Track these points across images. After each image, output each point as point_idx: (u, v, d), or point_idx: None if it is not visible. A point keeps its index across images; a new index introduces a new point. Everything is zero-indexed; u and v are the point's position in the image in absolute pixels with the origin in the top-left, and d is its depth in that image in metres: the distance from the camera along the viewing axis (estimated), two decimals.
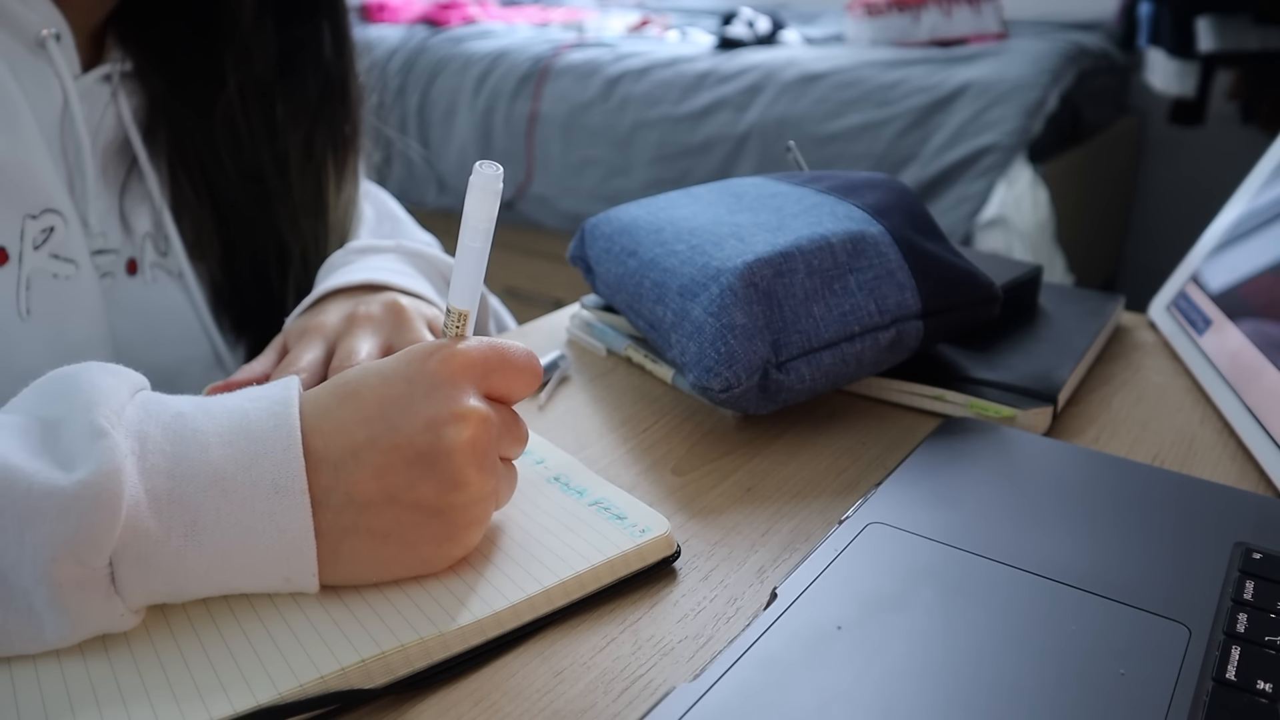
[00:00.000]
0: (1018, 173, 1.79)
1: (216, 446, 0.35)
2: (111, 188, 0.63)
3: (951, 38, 2.18)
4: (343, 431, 0.37)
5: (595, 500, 0.44)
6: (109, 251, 0.62)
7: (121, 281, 0.63)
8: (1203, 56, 1.88)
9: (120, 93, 0.63)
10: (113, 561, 0.34)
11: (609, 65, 2.17)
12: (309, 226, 0.68)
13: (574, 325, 0.67)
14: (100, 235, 0.61)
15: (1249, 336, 0.56)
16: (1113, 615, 0.36)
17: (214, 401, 0.38)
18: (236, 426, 0.36)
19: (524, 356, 0.41)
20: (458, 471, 0.37)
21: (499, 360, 0.39)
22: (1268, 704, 0.32)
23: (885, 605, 0.37)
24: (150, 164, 0.64)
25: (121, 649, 0.35)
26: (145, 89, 0.65)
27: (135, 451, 0.34)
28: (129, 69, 0.64)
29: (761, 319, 0.50)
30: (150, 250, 0.64)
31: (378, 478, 0.36)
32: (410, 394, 0.37)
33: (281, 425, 0.36)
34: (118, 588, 0.34)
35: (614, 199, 2.11)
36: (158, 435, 0.35)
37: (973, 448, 0.49)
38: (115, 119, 0.63)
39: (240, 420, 0.36)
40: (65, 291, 0.58)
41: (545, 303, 2.33)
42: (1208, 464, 0.52)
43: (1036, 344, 0.60)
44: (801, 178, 0.63)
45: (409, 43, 2.45)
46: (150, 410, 0.36)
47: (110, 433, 0.34)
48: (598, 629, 0.39)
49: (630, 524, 0.42)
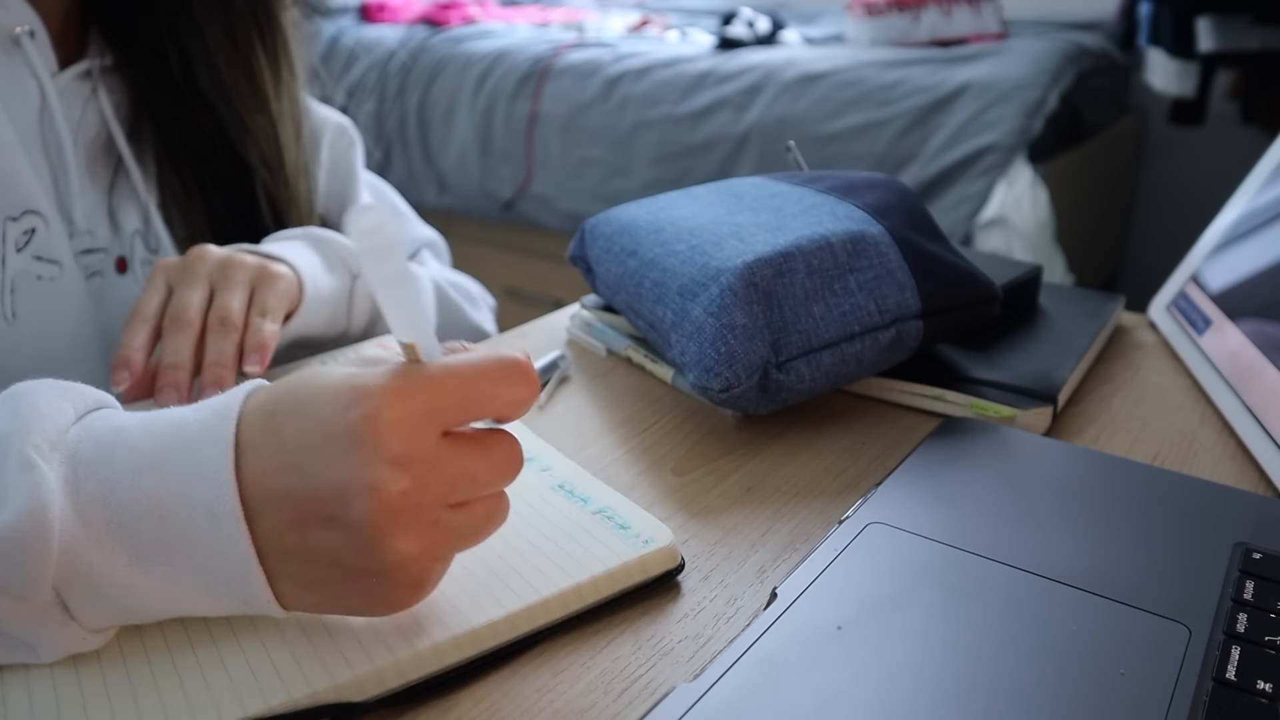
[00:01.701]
0: (1018, 173, 1.79)
1: (149, 470, 0.33)
2: (98, 185, 0.62)
3: (951, 38, 2.18)
4: (261, 476, 0.33)
5: (599, 509, 0.43)
6: (97, 250, 0.61)
7: (112, 280, 0.62)
8: (1202, 56, 1.88)
9: (101, 89, 0.62)
10: (59, 592, 0.33)
11: (609, 65, 2.17)
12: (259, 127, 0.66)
13: (574, 325, 0.67)
14: (88, 234, 0.60)
15: (1249, 336, 0.56)
16: (1113, 615, 0.36)
17: (158, 416, 0.35)
18: (173, 443, 0.34)
19: (496, 372, 0.34)
20: (373, 543, 0.32)
21: (455, 393, 0.33)
22: (1267, 704, 0.32)
23: (885, 605, 0.37)
24: (135, 160, 0.63)
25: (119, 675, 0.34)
26: (126, 84, 0.64)
27: (69, 480, 0.33)
28: (109, 64, 0.63)
29: (761, 319, 0.50)
30: (140, 248, 0.63)
31: (294, 531, 0.33)
32: (325, 448, 0.32)
33: (217, 444, 0.33)
34: (72, 614, 0.33)
35: (614, 199, 2.11)
36: (91, 458, 0.33)
37: (973, 448, 0.49)
38: (98, 116, 0.62)
39: (177, 437, 0.34)
40: (50, 293, 0.57)
41: (545, 303, 2.33)
42: (1208, 464, 0.52)
43: (1036, 344, 0.60)
44: (801, 178, 0.63)
45: (409, 43, 2.45)
46: (92, 430, 0.34)
47: (38, 465, 0.32)
48: (597, 629, 0.39)
49: (633, 534, 0.41)
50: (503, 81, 2.26)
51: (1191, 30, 1.84)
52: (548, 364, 0.60)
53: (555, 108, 2.20)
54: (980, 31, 2.19)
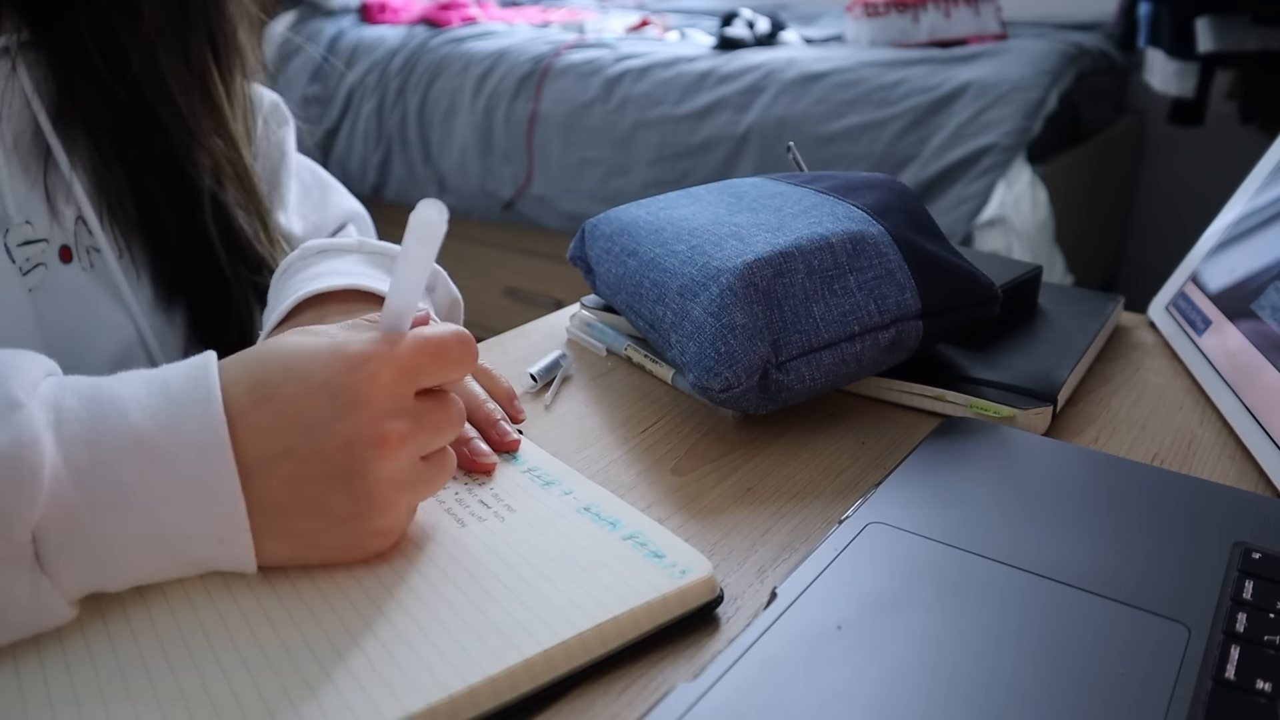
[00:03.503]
0: (1017, 173, 1.79)
1: (135, 410, 0.35)
2: (30, 172, 0.58)
3: (951, 38, 2.18)
4: (258, 438, 0.36)
5: (630, 534, 0.41)
6: (37, 241, 0.57)
7: (56, 270, 0.58)
8: (1202, 57, 1.88)
9: (20, 66, 0.57)
10: (36, 538, 0.33)
11: (609, 65, 2.18)
12: (213, 144, 0.62)
13: (574, 325, 0.67)
14: (25, 225, 0.56)
15: (1248, 336, 0.56)
16: (1113, 615, 0.36)
17: (131, 373, 0.37)
18: (156, 391, 0.35)
19: (456, 344, 0.39)
20: (375, 494, 0.36)
21: (429, 358, 0.38)
22: (1267, 704, 0.32)
23: (885, 605, 0.37)
24: (61, 141, 0.58)
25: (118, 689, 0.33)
26: (47, 61, 0.59)
27: (51, 423, 0.33)
28: (26, 39, 0.58)
29: (761, 319, 0.50)
30: (85, 234, 0.60)
31: (291, 487, 0.36)
32: (332, 409, 0.36)
33: (201, 387, 0.35)
34: (44, 567, 0.33)
35: (614, 199, 2.11)
36: (74, 404, 0.34)
37: (973, 448, 0.49)
38: (20, 96, 0.57)
39: (159, 385, 0.36)
40: None
41: (545, 303, 2.33)
42: (1207, 464, 0.52)
43: (1036, 344, 0.60)
44: (801, 178, 0.63)
45: (409, 43, 2.45)
46: (65, 383, 0.36)
47: (25, 404, 0.33)
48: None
49: (669, 563, 0.39)
50: (503, 82, 2.27)
51: (1191, 31, 1.84)
52: (549, 364, 0.60)
53: (555, 108, 2.20)
54: (980, 32, 2.19)
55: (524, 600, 0.37)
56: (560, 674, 0.35)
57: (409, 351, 0.38)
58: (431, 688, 0.32)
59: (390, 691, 0.32)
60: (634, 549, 0.40)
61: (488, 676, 0.33)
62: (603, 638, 0.35)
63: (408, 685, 0.32)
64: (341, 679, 0.33)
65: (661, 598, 0.37)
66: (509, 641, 0.34)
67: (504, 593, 0.37)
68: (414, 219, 0.36)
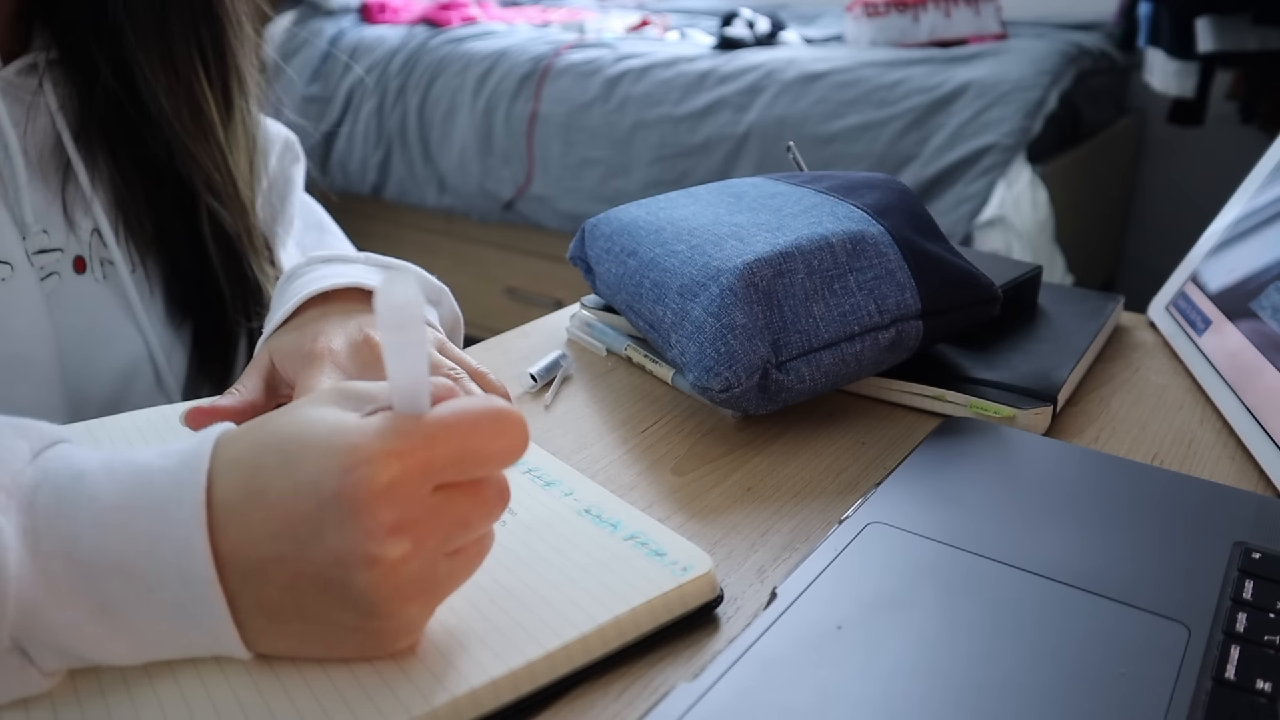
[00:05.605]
0: (1017, 173, 1.79)
1: (114, 525, 0.31)
2: (50, 184, 0.60)
3: (951, 38, 2.18)
4: (249, 542, 0.32)
5: (631, 534, 0.41)
6: (53, 250, 0.59)
7: (69, 280, 0.60)
8: (1202, 57, 1.88)
9: (47, 84, 0.60)
10: (19, 643, 0.31)
11: (609, 65, 2.18)
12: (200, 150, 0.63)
13: (574, 325, 0.67)
14: (43, 234, 0.58)
15: (1248, 336, 0.56)
16: (1113, 615, 0.36)
17: (120, 459, 0.33)
18: (139, 496, 0.32)
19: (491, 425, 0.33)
20: (378, 609, 0.32)
21: (453, 449, 0.32)
22: (1267, 704, 0.32)
23: (885, 605, 0.37)
24: (82, 156, 0.61)
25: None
26: (73, 80, 0.61)
27: (27, 530, 0.31)
28: (55, 58, 0.60)
29: (761, 319, 0.50)
30: (100, 246, 0.62)
31: (288, 595, 0.32)
32: (320, 518, 0.31)
33: (186, 502, 0.31)
34: (32, 660, 0.32)
35: (614, 199, 2.11)
36: (50, 508, 0.32)
37: (973, 448, 0.49)
38: (45, 112, 0.60)
39: (143, 488, 0.32)
40: (2, 295, 0.56)
41: (545, 303, 2.33)
42: (1207, 464, 0.52)
43: (1036, 344, 0.60)
44: (801, 178, 0.63)
45: (409, 43, 2.45)
46: (49, 473, 0.32)
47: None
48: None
49: (670, 561, 0.39)
50: (503, 82, 2.27)
51: (1191, 31, 1.85)
52: (548, 364, 0.60)
53: (555, 108, 2.20)
54: (980, 32, 2.19)
55: (525, 602, 0.37)
56: (561, 674, 0.35)
57: (423, 444, 0.31)
58: (434, 689, 0.32)
59: (393, 693, 0.32)
60: (635, 549, 0.40)
61: (490, 678, 0.33)
62: (604, 638, 0.36)
63: (410, 687, 0.33)
64: (344, 682, 0.33)
65: (662, 596, 0.37)
66: (511, 643, 0.35)
67: (506, 595, 0.37)
68: (379, 308, 0.30)
